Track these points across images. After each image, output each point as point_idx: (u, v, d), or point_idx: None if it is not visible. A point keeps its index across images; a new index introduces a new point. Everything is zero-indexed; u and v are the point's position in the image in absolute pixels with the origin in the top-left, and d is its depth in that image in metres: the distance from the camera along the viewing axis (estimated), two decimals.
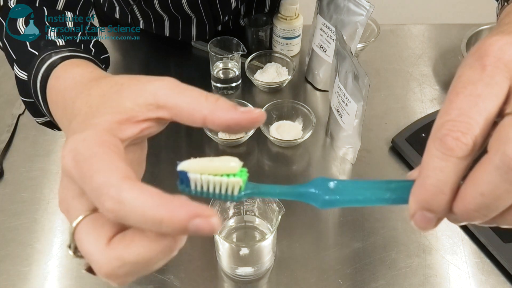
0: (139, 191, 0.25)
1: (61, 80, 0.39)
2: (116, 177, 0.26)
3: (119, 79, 0.32)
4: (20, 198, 0.66)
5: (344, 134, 0.69)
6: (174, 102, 0.30)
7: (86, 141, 0.28)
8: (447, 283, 0.57)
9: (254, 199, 0.58)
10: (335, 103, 0.69)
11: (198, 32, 0.85)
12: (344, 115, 0.66)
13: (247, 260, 0.55)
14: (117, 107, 0.29)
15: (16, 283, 0.57)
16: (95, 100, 0.31)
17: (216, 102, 0.30)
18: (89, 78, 0.36)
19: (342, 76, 0.65)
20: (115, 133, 0.29)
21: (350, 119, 0.65)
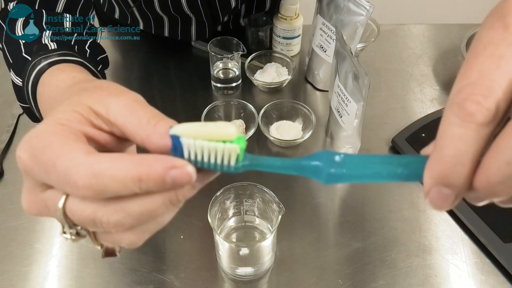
0: (110, 158, 0.25)
1: (47, 87, 0.39)
2: (79, 156, 0.25)
3: (87, 84, 0.33)
4: (20, 198, 0.66)
5: (344, 134, 0.69)
6: (122, 122, 0.28)
7: (39, 135, 0.27)
8: (447, 283, 0.57)
9: (254, 199, 0.58)
10: (335, 103, 0.69)
11: (197, 32, 0.85)
12: (344, 115, 0.66)
13: (247, 260, 0.55)
14: (74, 104, 0.29)
15: (16, 283, 0.57)
16: (60, 102, 0.31)
17: (154, 126, 0.28)
18: (69, 84, 0.36)
19: (342, 76, 0.65)
20: (71, 124, 0.28)
21: (350, 119, 0.65)
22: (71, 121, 0.28)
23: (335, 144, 0.73)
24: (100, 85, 0.32)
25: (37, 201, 0.29)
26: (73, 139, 0.27)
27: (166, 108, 0.80)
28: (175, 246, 0.61)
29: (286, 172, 0.29)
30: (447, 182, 0.23)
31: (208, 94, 0.82)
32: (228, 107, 0.76)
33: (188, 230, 0.62)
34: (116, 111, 0.28)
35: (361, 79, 0.60)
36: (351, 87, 0.63)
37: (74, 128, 0.28)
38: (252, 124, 0.73)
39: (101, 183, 0.25)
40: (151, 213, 0.28)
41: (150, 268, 0.58)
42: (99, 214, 0.26)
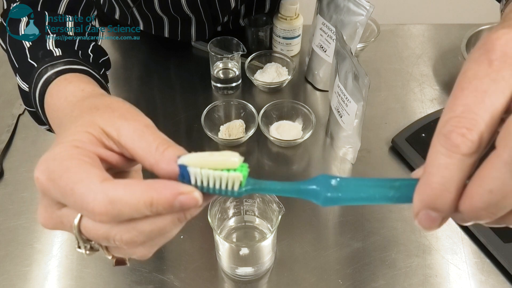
0: (123, 186, 0.27)
1: (55, 98, 0.40)
2: (96, 182, 0.27)
3: (98, 101, 0.34)
4: (20, 198, 0.66)
5: (344, 134, 0.69)
6: (132, 146, 0.30)
7: (57, 159, 0.29)
8: (447, 283, 0.57)
9: (254, 199, 0.58)
10: (335, 103, 0.69)
11: (197, 32, 0.85)
12: (344, 115, 0.66)
13: (247, 260, 0.55)
14: (87, 125, 0.31)
15: (16, 283, 0.57)
16: (72, 119, 0.33)
17: (162, 153, 0.31)
18: (79, 98, 0.38)
19: (342, 76, 0.65)
20: (85, 146, 0.30)
21: (350, 119, 0.65)
22: (85, 142, 0.30)
23: (335, 144, 0.73)
24: (111, 104, 0.34)
25: (53, 218, 0.32)
26: (89, 163, 0.29)
27: (166, 108, 0.80)
28: (175, 246, 0.61)
29: (287, 195, 0.32)
30: (434, 206, 0.25)
31: (208, 94, 0.82)
32: (228, 107, 0.76)
33: (188, 230, 0.62)
34: (127, 136, 0.30)
35: (361, 79, 0.60)
36: (351, 87, 0.63)
37: (89, 150, 0.30)
38: (252, 124, 0.73)
39: (116, 209, 0.27)
40: (160, 231, 0.29)
41: (150, 268, 0.58)
42: (112, 233, 0.28)
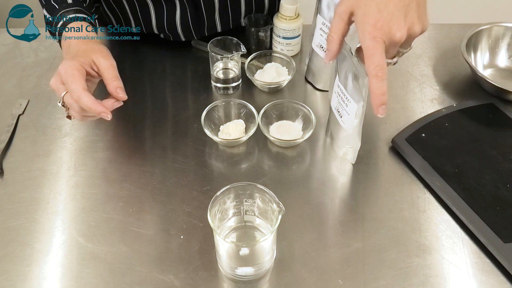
0: (87, 96, 0.59)
1: (67, 40, 0.68)
2: (80, 87, 0.59)
3: (94, 47, 0.65)
4: (20, 198, 0.66)
5: (344, 134, 0.69)
6: (103, 71, 0.62)
7: (71, 66, 0.60)
8: (447, 283, 0.57)
9: (254, 199, 0.58)
10: (335, 103, 0.69)
11: (181, 21, 0.84)
12: (344, 115, 0.66)
13: (247, 260, 0.55)
14: (86, 56, 0.62)
15: (16, 283, 0.57)
16: (78, 52, 0.64)
17: (111, 81, 0.62)
18: (80, 42, 0.66)
19: (342, 76, 0.65)
20: (83, 66, 0.61)
21: (350, 119, 0.65)
22: (84, 64, 0.61)
23: (335, 144, 0.73)
24: (99, 49, 0.64)
25: (56, 85, 0.61)
26: (82, 75, 0.60)
27: (166, 108, 0.80)
28: (175, 246, 0.61)
29: None
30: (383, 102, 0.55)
31: (208, 94, 0.82)
32: (228, 107, 0.76)
33: (188, 230, 0.62)
34: (103, 66, 0.62)
35: (361, 79, 0.59)
36: (351, 87, 0.63)
37: (83, 68, 0.61)
38: (252, 124, 0.73)
39: (80, 101, 0.59)
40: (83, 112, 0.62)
41: (150, 268, 0.58)
42: (73, 105, 0.61)
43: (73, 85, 0.58)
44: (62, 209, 0.65)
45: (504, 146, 0.71)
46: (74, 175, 0.69)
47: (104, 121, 0.78)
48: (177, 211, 0.64)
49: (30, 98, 0.81)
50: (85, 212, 0.65)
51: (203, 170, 0.70)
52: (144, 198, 0.66)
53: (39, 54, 0.90)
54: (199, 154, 0.72)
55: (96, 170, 0.70)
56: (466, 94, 0.82)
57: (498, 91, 0.78)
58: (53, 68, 0.87)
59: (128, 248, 0.60)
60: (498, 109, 0.77)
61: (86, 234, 0.62)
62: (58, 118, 0.78)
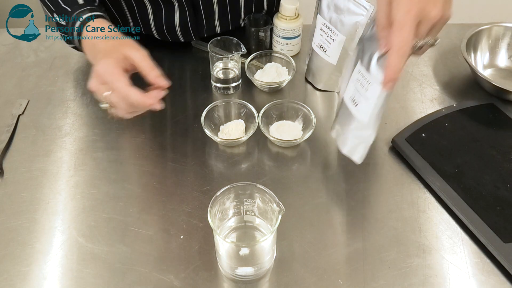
0: (135, 92, 0.59)
1: (90, 40, 0.67)
2: (125, 84, 0.59)
3: (121, 42, 0.65)
4: (20, 198, 0.66)
5: (355, 127, 0.63)
6: (138, 63, 0.61)
7: (109, 64, 0.60)
8: (447, 283, 0.57)
9: (254, 199, 0.58)
10: (350, 93, 0.62)
11: (180, 23, 0.84)
12: (361, 103, 0.60)
13: (247, 260, 0.55)
14: (119, 53, 0.62)
15: (16, 283, 0.57)
16: (107, 49, 0.64)
17: (150, 71, 0.62)
18: (105, 39, 0.66)
19: (366, 58, 0.59)
20: (119, 63, 0.60)
21: (369, 105, 0.59)
22: (119, 59, 0.61)
23: (341, 140, 0.67)
24: (127, 42, 0.64)
25: (95, 86, 0.61)
26: (122, 72, 0.60)
27: (166, 108, 0.79)
28: (175, 246, 0.61)
29: None
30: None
31: (208, 94, 0.82)
32: (228, 107, 0.76)
33: (188, 230, 0.62)
34: (137, 58, 0.61)
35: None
36: (375, 67, 0.57)
37: (120, 64, 0.60)
38: (252, 124, 0.73)
39: (127, 98, 0.59)
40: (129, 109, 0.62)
41: (150, 268, 0.58)
42: (118, 102, 0.61)
43: (117, 83, 0.58)
44: (62, 209, 0.65)
45: (504, 146, 0.71)
46: (74, 175, 0.69)
47: (104, 121, 0.78)
48: (177, 211, 0.64)
49: (30, 98, 0.81)
50: (85, 212, 0.65)
51: (203, 170, 0.70)
52: (144, 198, 0.66)
53: (39, 54, 0.90)
54: (199, 154, 0.72)
55: (96, 170, 0.70)
56: (466, 94, 0.82)
57: (498, 91, 0.78)
58: (53, 68, 0.87)
59: (128, 248, 0.60)
60: (498, 109, 0.77)
61: (86, 234, 0.62)
62: (58, 118, 0.78)
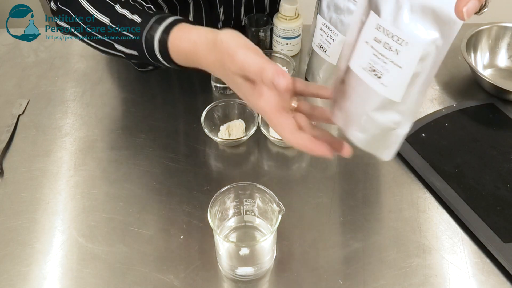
0: (300, 142, 0.45)
1: (183, 41, 0.53)
2: (288, 133, 0.45)
3: (223, 56, 0.47)
4: (20, 198, 0.66)
5: (378, 105, 0.43)
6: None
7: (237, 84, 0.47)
8: (447, 283, 0.57)
9: (254, 199, 0.58)
10: (363, 60, 0.43)
11: (194, 20, 0.84)
12: (388, 73, 0.41)
13: (247, 260, 0.55)
14: (231, 73, 0.47)
15: (16, 283, 0.57)
16: (215, 65, 0.49)
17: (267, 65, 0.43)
18: (204, 42, 0.50)
19: (387, 10, 0.41)
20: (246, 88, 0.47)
21: (404, 76, 0.41)
22: (245, 89, 0.47)
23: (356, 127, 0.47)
24: (227, 47, 0.46)
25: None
26: (277, 114, 0.46)
27: (166, 109, 0.80)
28: (175, 246, 0.61)
29: None
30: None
31: (208, 94, 0.82)
32: (228, 107, 0.76)
33: (188, 230, 0.62)
34: (252, 66, 0.44)
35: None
36: (407, 20, 0.40)
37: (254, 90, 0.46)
38: (252, 124, 0.73)
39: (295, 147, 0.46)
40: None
41: (150, 268, 0.58)
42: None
43: (279, 132, 0.46)
44: (62, 209, 0.65)
45: (504, 146, 0.71)
46: (74, 175, 0.69)
47: (104, 121, 0.78)
48: (177, 211, 0.64)
49: (30, 98, 0.81)
50: (85, 212, 0.65)
51: (203, 170, 0.70)
52: (144, 198, 0.66)
53: (39, 54, 0.90)
54: (199, 154, 0.72)
55: (96, 170, 0.70)
56: (466, 94, 0.82)
57: (498, 91, 0.78)
58: (53, 68, 0.88)
59: (128, 248, 0.60)
60: (498, 109, 0.77)
61: (86, 234, 0.62)
62: (58, 118, 0.78)
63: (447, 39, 0.38)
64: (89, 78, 0.86)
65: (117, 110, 0.80)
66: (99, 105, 0.80)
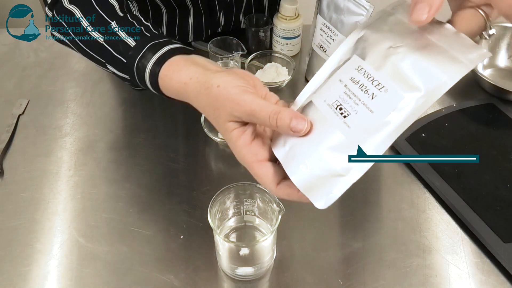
0: (280, 192, 0.44)
1: (173, 81, 0.50)
2: (270, 187, 0.44)
3: (215, 103, 0.44)
4: (20, 198, 0.66)
5: (334, 145, 0.40)
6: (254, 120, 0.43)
7: (243, 159, 0.45)
8: (447, 283, 0.57)
9: (254, 199, 0.58)
10: (331, 96, 0.41)
11: (194, 27, 0.84)
12: (357, 115, 0.39)
13: (247, 260, 0.55)
14: (225, 120, 0.44)
15: (16, 283, 0.57)
16: (209, 108, 0.46)
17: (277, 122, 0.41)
18: (196, 85, 0.47)
19: (372, 55, 0.40)
20: (239, 128, 0.44)
21: (373, 121, 0.38)
22: (238, 126, 0.44)
23: (298, 161, 0.42)
24: (222, 101, 0.43)
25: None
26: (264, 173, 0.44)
27: (166, 109, 0.80)
28: (175, 246, 0.61)
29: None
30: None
31: None
32: None
33: (188, 230, 0.62)
34: (258, 112, 0.41)
35: None
36: (393, 71, 0.38)
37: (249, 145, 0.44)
38: None
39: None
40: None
41: (150, 268, 0.58)
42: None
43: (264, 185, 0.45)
44: (62, 209, 0.65)
45: (504, 146, 0.71)
46: (74, 175, 0.69)
47: (104, 121, 0.78)
48: (177, 211, 0.64)
49: (30, 98, 0.81)
50: (85, 212, 0.65)
51: (203, 170, 0.70)
52: (144, 198, 0.66)
53: (39, 54, 0.90)
54: (199, 154, 0.72)
55: (96, 170, 0.70)
56: (466, 94, 0.82)
57: (498, 91, 0.78)
58: (53, 68, 0.88)
59: (128, 248, 0.60)
60: (498, 109, 0.77)
61: (86, 234, 0.62)
62: (58, 118, 0.78)
63: (431, 97, 0.36)
64: (89, 78, 0.86)
65: (117, 110, 0.80)
66: (99, 105, 0.80)
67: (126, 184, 0.68)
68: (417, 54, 0.37)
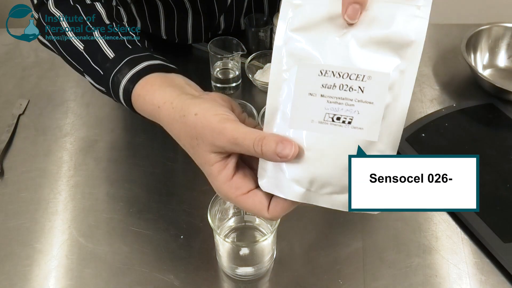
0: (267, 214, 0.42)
1: (146, 102, 0.46)
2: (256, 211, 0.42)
3: (194, 132, 0.41)
4: (20, 198, 0.66)
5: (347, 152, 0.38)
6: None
7: (214, 178, 0.43)
8: (447, 283, 0.57)
9: None
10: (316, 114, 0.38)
11: (193, 28, 0.84)
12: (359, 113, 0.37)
13: (247, 260, 0.55)
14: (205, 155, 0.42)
15: (16, 283, 0.57)
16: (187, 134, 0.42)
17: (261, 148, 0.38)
18: (170, 111, 0.44)
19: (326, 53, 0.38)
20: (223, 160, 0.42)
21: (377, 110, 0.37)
22: (220, 159, 0.41)
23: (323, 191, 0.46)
24: (202, 132, 0.40)
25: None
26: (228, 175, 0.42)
27: None
28: (175, 246, 0.61)
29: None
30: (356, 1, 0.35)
31: None
32: None
33: (188, 230, 0.62)
34: (226, 145, 0.40)
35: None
36: (361, 56, 0.38)
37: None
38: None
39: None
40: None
41: (150, 268, 0.58)
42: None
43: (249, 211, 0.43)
44: (62, 209, 0.65)
45: (504, 146, 0.71)
46: (74, 175, 0.69)
47: (104, 121, 0.78)
48: (177, 211, 0.64)
49: (30, 98, 0.81)
50: (85, 212, 0.65)
51: None
52: (144, 198, 0.66)
53: (39, 54, 0.90)
54: None
55: (96, 170, 0.70)
56: (466, 94, 0.82)
57: (498, 91, 0.78)
58: (53, 68, 0.87)
59: (128, 248, 0.60)
60: (498, 109, 0.77)
61: (86, 234, 0.62)
62: (58, 118, 0.78)
63: (411, 61, 0.37)
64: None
65: (117, 110, 0.80)
66: (99, 105, 0.80)
67: (126, 184, 0.68)
68: (369, 31, 0.37)
